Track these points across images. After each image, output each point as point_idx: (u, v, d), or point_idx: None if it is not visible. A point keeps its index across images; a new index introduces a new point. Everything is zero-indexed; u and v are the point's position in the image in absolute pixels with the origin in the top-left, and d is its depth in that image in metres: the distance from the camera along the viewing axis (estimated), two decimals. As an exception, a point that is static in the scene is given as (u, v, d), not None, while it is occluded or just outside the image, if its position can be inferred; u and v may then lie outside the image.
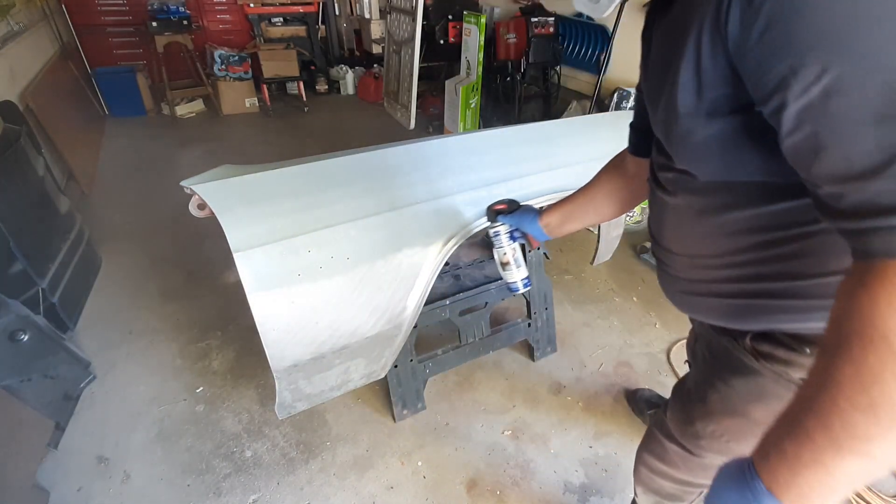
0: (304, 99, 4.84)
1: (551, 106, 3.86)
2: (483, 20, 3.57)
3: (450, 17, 4.09)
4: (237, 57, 4.49)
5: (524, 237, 1.13)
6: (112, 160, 3.63)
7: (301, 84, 4.79)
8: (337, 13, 5.68)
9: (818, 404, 0.41)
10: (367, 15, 5.23)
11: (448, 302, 1.57)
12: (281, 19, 5.23)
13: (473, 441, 1.60)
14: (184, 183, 1.12)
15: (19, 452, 1.32)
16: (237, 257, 1.01)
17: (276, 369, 1.14)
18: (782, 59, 0.39)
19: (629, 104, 2.98)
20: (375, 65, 5.25)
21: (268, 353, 1.09)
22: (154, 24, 4.34)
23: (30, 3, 3.61)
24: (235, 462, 1.52)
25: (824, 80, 0.37)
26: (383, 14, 4.83)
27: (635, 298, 2.27)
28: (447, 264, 1.48)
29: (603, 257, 2.00)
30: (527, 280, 1.17)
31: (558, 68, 3.74)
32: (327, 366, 1.23)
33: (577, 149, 1.59)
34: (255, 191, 1.17)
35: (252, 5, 5.04)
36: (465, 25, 3.73)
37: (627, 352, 1.97)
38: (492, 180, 1.38)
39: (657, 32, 0.58)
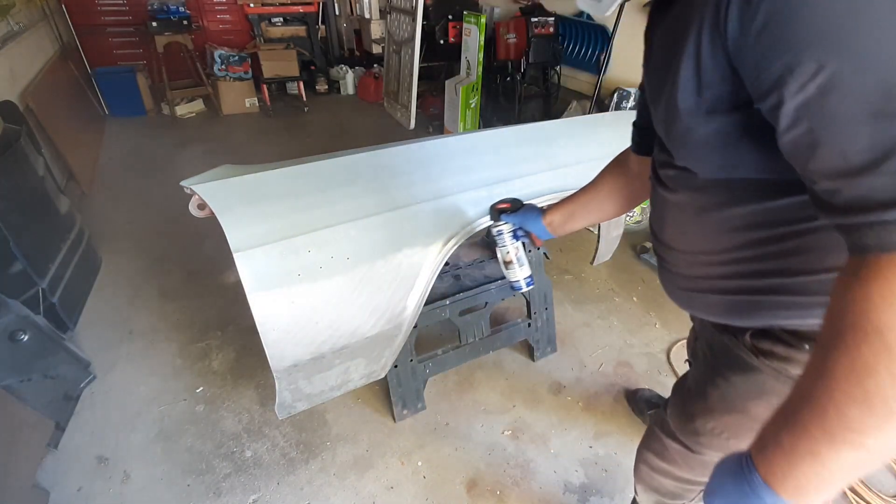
0: (304, 99, 4.84)
1: (551, 106, 3.86)
2: (483, 20, 3.57)
3: (450, 17, 4.10)
4: (237, 57, 4.49)
5: (527, 236, 1.14)
6: (112, 160, 3.63)
7: (301, 84, 4.80)
8: (337, 13, 5.68)
9: (814, 396, 0.41)
10: (367, 15, 5.24)
11: (448, 302, 1.57)
12: (281, 19, 5.23)
13: (473, 441, 1.60)
14: (184, 183, 1.13)
15: (19, 452, 1.32)
16: (237, 257, 1.01)
17: (276, 369, 1.14)
18: (779, 57, 0.40)
19: (629, 104, 2.98)
20: (375, 65, 5.25)
21: (268, 353, 1.09)
22: (154, 24, 4.34)
23: (30, 3, 3.61)
24: (235, 462, 1.52)
25: (820, 78, 0.38)
26: (383, 14, 4.83)
27: (635, 298, 2.27)
28: (447, 264, 1.48)
29: (603, 257, 2.00)
30: (530, 279, 1.17)
31: (558, 68, 3.74)
32: (327, 366, 1.23)
33: (577, 149, 1.59)
34: (255, 191, 1.17)
35: (252, 5, 5.04)
36: (465, 25, 3.73)
37: (627, 352, 1.97)
38: (492, 180, 1.38)
39: (658, 31, 0.59)
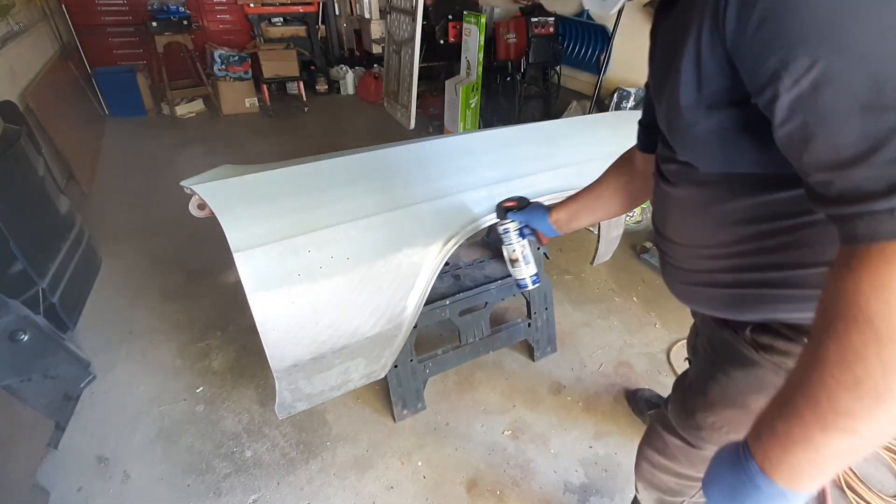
0: (304, 99, 4.84)
1: (551, 106, 3.86)
2: (483, 20, 3.57)
3: (450, 17, 4.10)
4: (237, 57, 4.49)
5: (534, 234, 1.14)
6: (112, 160, 3.63)
7: (301, 84, 4.80)
8: (337, 13, 5.69)
9: (806, 383, 0.43)
10: (367, 15, 5.24)
11: (448, 302, 1.57)
12: (281, 19, 5.23)
13: (473, 441, 1.60)
14: (184, 183, 1.13)
15: (19, 452, 1.32)
16: (237, 257, 1.01)
17: (276, 369, 1.14)
18: (775, 53, 0.41)
19: (629, 104, 2.99)
20: (375, 65, 5.25)
21: (268, 353, 1.09)
22: (154, 24, 4.34)
23: (30, 3, 3.62)
24: (235, 462, 1.52)
25: (813, 73, 0.39)
26: (383, 14, 4.83)
27: (635, 298, 2.27)
28: (447, 264, 1.48)
29: (603, 257, 2.00)
30: (536, 277, 1.18)
31: (558, 68, 3.74)
32: (327, 366, 1.23)
33: (577, 149, 1.59)
34: (255, 191, 1.17)
35: (252, 5, 5.04)
36: (465, 25, 3.73)
37: (627, 352, 1.97)
38: (492, 180, 1.38)
39: (661, 30, 0.60)
